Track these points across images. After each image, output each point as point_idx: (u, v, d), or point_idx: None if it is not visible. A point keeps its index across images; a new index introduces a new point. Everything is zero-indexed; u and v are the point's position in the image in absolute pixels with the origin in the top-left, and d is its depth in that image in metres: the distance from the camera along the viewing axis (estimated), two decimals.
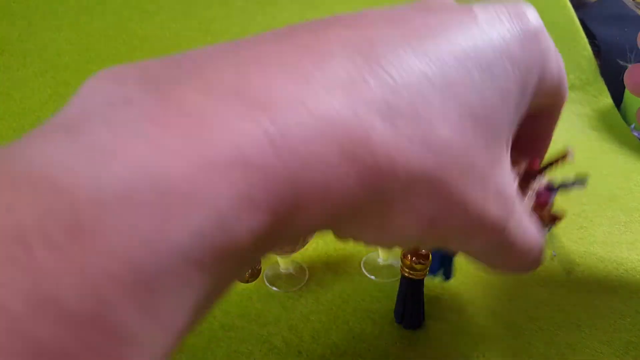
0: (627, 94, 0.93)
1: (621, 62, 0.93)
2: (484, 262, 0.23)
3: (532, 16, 0.22)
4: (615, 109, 0.92)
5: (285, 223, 0.15)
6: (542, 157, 0.31)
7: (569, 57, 0.96)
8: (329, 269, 0.56)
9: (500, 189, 0.19)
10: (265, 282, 0.54)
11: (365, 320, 0.51)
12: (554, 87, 0.24)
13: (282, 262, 0.54)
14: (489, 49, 0.19)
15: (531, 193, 0.29)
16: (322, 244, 0.59)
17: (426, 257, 0.46)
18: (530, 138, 0.29)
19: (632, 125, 0.90)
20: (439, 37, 0.18)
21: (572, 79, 0.95)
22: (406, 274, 0.47)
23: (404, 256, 0.46)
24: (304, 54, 0.16)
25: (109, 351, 0.12)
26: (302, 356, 0.47)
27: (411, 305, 0.48)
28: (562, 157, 0.30)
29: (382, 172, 0.16)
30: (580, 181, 0.36)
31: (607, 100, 0.94)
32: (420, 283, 0.48)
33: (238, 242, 0.14)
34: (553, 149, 0.50)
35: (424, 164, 0.16)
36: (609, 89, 0.95)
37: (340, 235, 0.20)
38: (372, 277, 0.55)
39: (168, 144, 0.12)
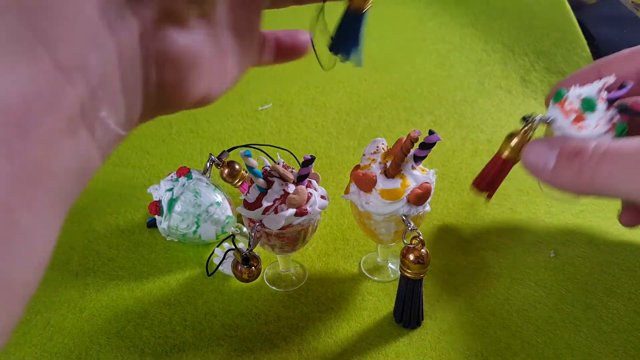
0: None
1: None
2: None
3: None
4: None
5: None
6: None
7: (568, 59, 0.97)
8: (329, 269, 0.57)
9: None
10: (266, 281, 0.55)
11: (365, 320, 0.51)
12: None
13: (282, 262, 0.54)
14: None
15: None
16: (322, 244, 0.60)
17: (426, 257, 0.46)
18: None
19: None
20: None
21: None
22: (406, 274, 0.47)
23: (403, 256, 0.47)
24: None
25: None
26: (303, 354, 0.47)
27: (410, 305, 0.48)
28: None
29: None
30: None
31: None
32: (419, 283, 0.48)
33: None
34: None
35: None
36: None
37: None
38: (372, 277, 0.56)
39: None
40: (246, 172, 0.60)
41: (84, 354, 0.47)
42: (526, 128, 0.42)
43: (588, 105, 0.38)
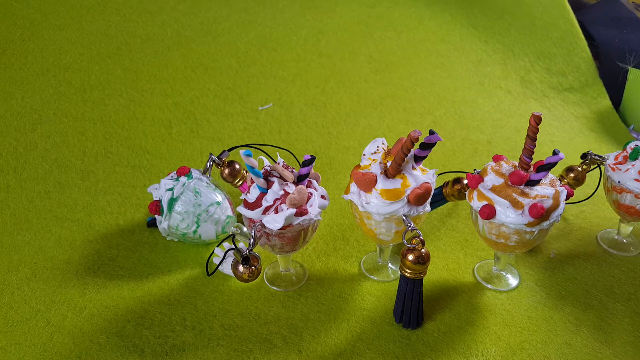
0: (626, 96, 0.94)
1: (620, 64, 0.93)
2: None
3: None
4: (614, 110, 0.93)
5: None
6: None
7: (568, 59, 0.97)
8: (329, 269, 0.57)
9: None
10: (265, 281, 0.55)
11: (365, 320, 0.51)
12: None
13: (282, 262, 0.54)
14: None
15: None
16: (322, 244, 0.60)
17: (426, 257, 0.46)
18: None
19: (631, 127, 0.90)
20: None
21: (571, 81, 0.96)
22: (406, 274, 0.47)
23: (403, 256, 0.47)
24: None
25: None
26: (302, 355, 0.47)
27: (410, 305, 0.48)
28: None
29: None
30: None
31: (606, 101, 0.95)
32: (419, 283, 0.48)
33: None
34: (550, 150, 0.51)
35: None
36: (608, 91, 0.95)
37: None
38: (372, 277, 0.56)
39: None
40: (246, 171, 0.60)
41: (83, 353, 0.47)
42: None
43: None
